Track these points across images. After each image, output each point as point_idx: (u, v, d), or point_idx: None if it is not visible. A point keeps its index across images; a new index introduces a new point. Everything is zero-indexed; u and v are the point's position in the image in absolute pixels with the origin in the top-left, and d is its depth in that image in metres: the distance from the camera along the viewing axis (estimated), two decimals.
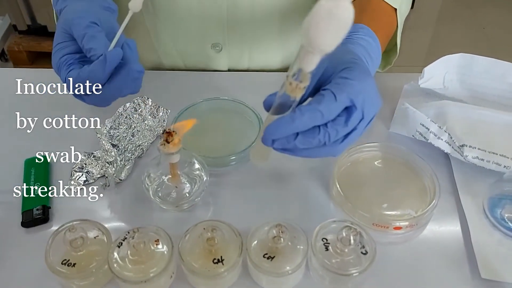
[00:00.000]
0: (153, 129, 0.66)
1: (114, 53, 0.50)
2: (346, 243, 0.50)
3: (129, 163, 0.62)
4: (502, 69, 0.69)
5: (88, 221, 0.52)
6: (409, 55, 2.43)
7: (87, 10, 0.55)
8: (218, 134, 0.68)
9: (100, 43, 0.51)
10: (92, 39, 0.51)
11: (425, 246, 0.56)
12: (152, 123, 0.67)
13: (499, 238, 0.56)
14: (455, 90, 0.71)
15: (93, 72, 0.50)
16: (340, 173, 0.60)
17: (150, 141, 0.66)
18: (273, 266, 0.49)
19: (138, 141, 0.64)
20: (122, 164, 0.61)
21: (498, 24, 2.59)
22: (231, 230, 0.51)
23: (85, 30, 0.52)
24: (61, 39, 0.54)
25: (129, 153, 0.63)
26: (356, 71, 0.46)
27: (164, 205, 0.58)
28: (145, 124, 0.66)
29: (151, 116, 0.67)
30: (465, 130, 0.63)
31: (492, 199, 0.59)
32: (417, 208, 0.58)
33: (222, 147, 0.65)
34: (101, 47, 0.51)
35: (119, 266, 0.48)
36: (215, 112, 0.69)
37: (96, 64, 0.50)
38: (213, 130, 0.68)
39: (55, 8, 0.61)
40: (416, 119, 0.64)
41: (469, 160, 0.61)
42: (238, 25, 0.74)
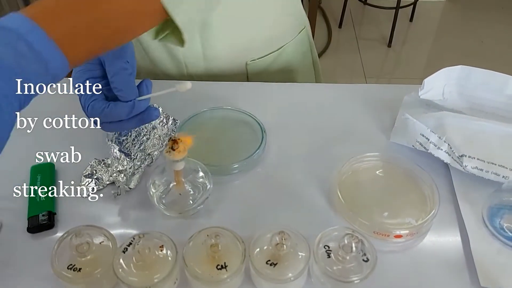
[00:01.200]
0: (162, 138, 0.67)
1: (142, 105, 0.55)
2: (348, 251, 0.50)
3: (138, 171, 0.63)
4: (500, 81, 0.70)
5: (93, 227, 0.53)
6: (409, 67, 2.46)
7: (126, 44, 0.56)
8: (221, 142, 0.69)
9: (131, 89, 0.54)
10: (124, 82, 0.54)
11: (425, 255, 0.57)
12: (161, 132, 0.67)
13: (498, 247, 0.57)
14: (454, 102, 0.72)
15: (117, 113, 0.54)
16: (341, 182, 0.61)
17: (159, 150, 0.66)
18: (276, 272, 0.50)
19: (148, 149, 0.65)
20: (131, 172, 0.62)
21: (496, 37, 2.62)
22: (234, 237, 0.52)
23: (118, 70, 0.54)
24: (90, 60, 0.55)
25: (138, 161, 0.63)
26: None
27: (168, 212, 0.58)
28: (154, 133, 0.67)
29: (161, 125, 0.68)
30: (464, 140, 0.64)
31: (491, 208, 0.60)
32: (417, 217, 0.59)
33: (225, 156, 0.66)
34: (132, 94, 0.54)
35: (124, 271, 0.49)
36: (218, 121, 0.71)
37: (124, 107, 0.54)
38: (216, 139, 0.69)
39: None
40: (416, 129, 0.65)
41: (468, 170, 0.62)
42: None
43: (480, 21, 2.74)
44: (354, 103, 0.76)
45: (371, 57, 2.50)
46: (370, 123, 0.72)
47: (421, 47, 2.60)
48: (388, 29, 2.51)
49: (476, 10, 2.82)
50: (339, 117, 0.73)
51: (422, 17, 2.76)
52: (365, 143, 0.69)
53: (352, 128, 0.72)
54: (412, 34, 2.69)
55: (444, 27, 2.74)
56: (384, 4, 2.54)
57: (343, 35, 2.65)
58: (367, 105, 0.75)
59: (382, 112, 0.74)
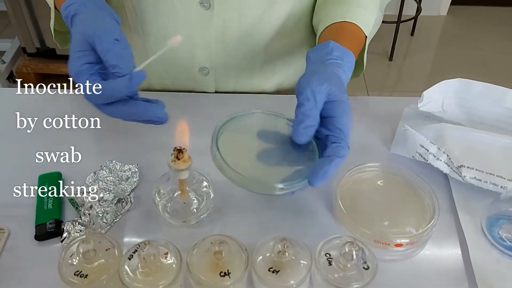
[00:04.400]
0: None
1: (139, 75, 0.54)
2: (349, 258, 0.51)
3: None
4: (498, 93, 0.72)
5: (100, 234, 0.54)
6: (411, 80, 2.48)
7: (109, 23, 0.57)
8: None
9: (126, 62, 0.54)
10: (118, 57, 0.54)
11: (425, 263, 0.58)
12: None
13: (497, 256, 0.58)
14: (453, 113, 0.74)
15: (116, 89, 0.53)
16: (343, 192, 0.63)
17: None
18: (278, 279, 0.51)
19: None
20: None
21: (497, 51, 2.63)
22: (237, 244, 0.53)
23: (110, 46, 0.54)
24: (81, 47, 0.55)
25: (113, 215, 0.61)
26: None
27: (172, 220, 0.60)
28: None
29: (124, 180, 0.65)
30: (463, 151, 0.65)
31: (490, 218, 0.61)
32: (417, 226, 0.60)
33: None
34: (127, 66, 0.54)
35: (129, 278, 0.50)
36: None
37: (121, 81, 0.53)
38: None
39: (63, 14, 0.61)
40: (416, 140, 0.67)
41: (467, 181, 0.63)
42: (225, 51, 0.78)
43: (481, 35, 2.76)
44: (356, 115, 0.76)
45: (373, 70, 2.52)
46: (371, 134, 0.74)
47: (422, 60, 2.62)
48: (390, 42, 2.53)
49: (477, 24, 2.85)
50: None
51: (423, 31, 2.78)
52: (366, 153, 0.70)
53: (353, 139, 0.72)
54: (413, 48, 2.71)
55: (445, 40, 2.77)
56: (385, 18, 2.53)
57: None
58: (368, 117, 0.77)
59: (382, 123, 0.75)
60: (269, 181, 0.55)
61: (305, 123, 0.54)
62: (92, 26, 0.56)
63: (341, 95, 0.56)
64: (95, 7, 0.59)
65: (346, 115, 0.56)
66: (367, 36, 0.69)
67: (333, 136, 0.55)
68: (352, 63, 0.63)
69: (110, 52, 0.54)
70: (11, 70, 2.17)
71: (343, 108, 0.56)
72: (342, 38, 0.64)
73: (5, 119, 0.69)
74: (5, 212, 0.61)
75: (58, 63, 2.13)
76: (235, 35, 0.76)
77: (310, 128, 0.55)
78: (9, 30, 2.31)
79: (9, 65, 2.16)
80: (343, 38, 0.65)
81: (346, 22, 0.68)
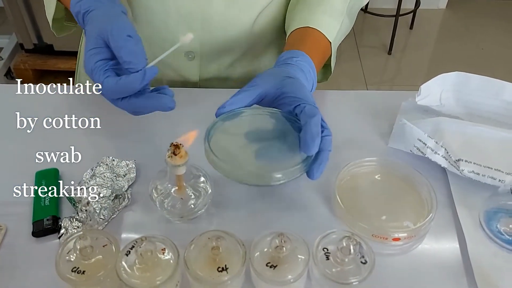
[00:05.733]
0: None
1: (151, 70, 0.56)
2: (346, 253, 0.51)
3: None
4: (496, 87, 0.72)
5: (97, 231, 0.54)
6: (410, 74, 2.48)
7: (122, 19, 0.59)
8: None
9: (139, 58, 0.56)
10: (131, 53, 0.56)
11: (423, 257, 0.58)
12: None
13: (495, 250, 0.58)
14: (451, 107, 0.73)
15: (131, 84, 0.56)
16: (340, 186, 0.62)
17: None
18: (276, 274, 0.51)
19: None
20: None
21: (496, 44, 2.63)
22: (234, 240, 0.53)
23: (123, 42, 0.56)
24: (95, 44, 0.58)
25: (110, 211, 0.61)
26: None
27: (170, 216, 0.59)
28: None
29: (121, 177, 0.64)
30: (461, 145, 0.65)
31: (488, 212, 0.61)
32: (415, 220, 0.59)
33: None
34: (140, 62, 0.56)
35: (127, 274, 0.50)
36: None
37: (135, 77, 0.56)
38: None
39: (73, 9, 0.62)
40: (413, 134, 0.66)
41: (465, 174, 0.63)
42: (211, 35, 0.79)
43: (480, 28, 2.75)
44: (353, 109, 0.77)
45: (371, 64, 2.51)
46: (368, 128, 0.74)
47: (421, 54, 2.61)
48: (389, 36, 2.53)
49: (476, 17, 2.84)
50: (339, 122, 0.74)
51: (422, 25, 2.78)
52: (363, 148, 0.70)
53: (351, 134, 0.73)
54: (412, 42, 2.71)
55: (444, 34, 2.76)
56: (384, 12, 2.57)
57: (344, 43, 2.65)
58: (365, 111, 0.76)
59: (380, 118, 0.75)
60: (265, 172, 0.57)
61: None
62: (106, 23, 0.58)
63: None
64: (107, 1, 0.61)
65: (294, 86, 0.60)
66: (331, 41, 0.72)
67: (295, 101, 0.59)
68: (307, 62, 0.66)
69: (123, 49, 0.56)
70: (8, 66, 2.17)
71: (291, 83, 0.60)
72: (305, 43, 0.70)
73: (5, 119, 0.70)
74: (2, 209, 0.61)
75: (55, 59, 2.12)
76: (220, 21, 0.77)
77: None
78: (6, 26, 2.30)
79: (7, 61, 2.16)
80: (306, 43, 0.69)
81: (310, 28, 0.71)
